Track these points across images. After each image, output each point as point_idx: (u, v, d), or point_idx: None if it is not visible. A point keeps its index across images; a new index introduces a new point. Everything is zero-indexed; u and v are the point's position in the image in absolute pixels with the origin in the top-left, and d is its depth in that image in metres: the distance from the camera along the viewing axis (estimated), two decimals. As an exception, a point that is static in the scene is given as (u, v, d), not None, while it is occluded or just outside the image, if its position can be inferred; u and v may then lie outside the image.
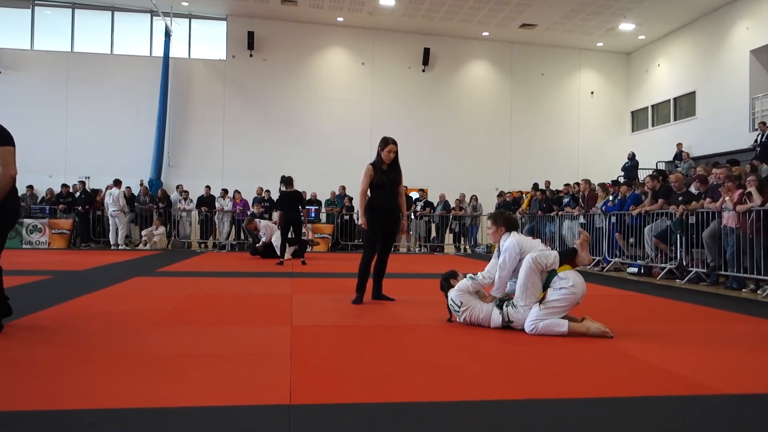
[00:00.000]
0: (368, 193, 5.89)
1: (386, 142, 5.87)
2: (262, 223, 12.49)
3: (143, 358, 3.44)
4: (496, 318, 4.43)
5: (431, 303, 5.53)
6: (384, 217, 5.84)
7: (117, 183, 15.26)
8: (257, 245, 12.36)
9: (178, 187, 16.97)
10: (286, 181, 10.61)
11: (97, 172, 17.83)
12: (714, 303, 6.36)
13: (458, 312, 4.55)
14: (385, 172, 5.84)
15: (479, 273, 4.64)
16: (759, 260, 7.32)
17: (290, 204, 10.49)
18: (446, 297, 4.75)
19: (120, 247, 14.70)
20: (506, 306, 4.42)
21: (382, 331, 4.50)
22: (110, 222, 14.99)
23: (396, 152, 5.88)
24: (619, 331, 4.37)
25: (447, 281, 4.82)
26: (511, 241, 4.49)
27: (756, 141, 14.22)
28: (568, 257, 4.40)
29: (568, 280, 4.21)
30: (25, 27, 18.82)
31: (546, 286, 4.29)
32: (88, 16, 19.22)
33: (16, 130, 17.65)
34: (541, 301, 4.25)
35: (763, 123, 14.34)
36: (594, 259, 11.21)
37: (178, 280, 7.91)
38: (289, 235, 11.10)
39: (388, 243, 6.00)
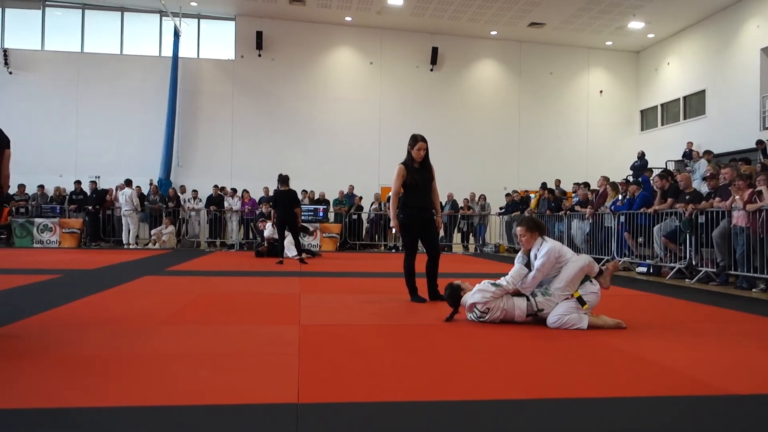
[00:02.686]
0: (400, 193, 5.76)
1: (416, 139, 5.70)
2: (268, 224, 12.71)
3: (152, 356, 3.47)
4: (521, 307, 4.52)
5: (439, 302, 5.53)
6: (420, 217, 5.75)
7: (128, 183, 15.37)
8: (259, 248, 12.46)
9: (220, 186, 17.03)
10: (282, 179, 10.58)
11: (107, 171, 17.93)
12: (724, 303, 6.32)
13: (483, 318, 4.55)
14: (417, 171, 5.71)
15: (502, 279, 4.64)
16: (769, 260, 7.27)
17: (284, 203, 10.46)
18: (454, 308, 4.74)
19: (131, 247, 14.80)
20: (535, 296, 4.54)
21: (390, 330, 4.51)
22: (123, 221, 15.09)
23: (426, 149, 5.73)
24: (628, 331, 4.37)
25: (455, 295, 4.75)
26: (551, 245, 4.61)
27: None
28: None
29: (596, 285, 4.58)
30: (36, 28, 18.97)
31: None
32: (98, 17, 19.35)
33: (26, 131, 17.90)
34: (573, 297, 4.50)
35: (761, 141, 14.24)
36: (603, 259, 11.18)
37: (187, 279, 7.95)
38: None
39: (433, 243, 5.89)
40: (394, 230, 6.08)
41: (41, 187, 16.71)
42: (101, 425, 2.33)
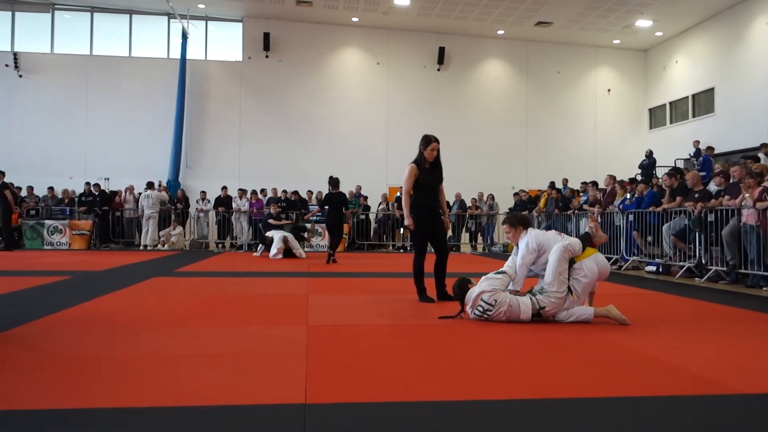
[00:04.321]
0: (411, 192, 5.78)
1: (428, 140, 5.72)
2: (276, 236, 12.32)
3: (160, 357, 3.48)
4: (527, 304, 4.55)
5: (448, 302, 5.53)
6: (429, 217, 5.78)
7: (151, 185, 15.53)
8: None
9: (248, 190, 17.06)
10: (333, 182, 10.80)
11: (116, 173, 17.99)
12: (734, 302, 6.28)
13: (490, 312, 4.56)
14: (428, 171, 5.74)
15: (504, 266, 4.83)
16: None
17: (335, 205, 10.70)
18: (462, 304, 4.80)
19: (148, 248, 14.94)
20: (535, 295, 4.60)
21: (398, 330, 4.51)
22: (144, 223, 15.24)
23: (438, 150, 5.75)
24: (637, 330, 4.34)
25: (463, 287, 4.81)
26: (529, 236, 4.77)
27: None
28: (587, 241, 4.79)
29: (582, 270, 4.60)
30: (45, 31, 19.11)
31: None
32: (107, 20, 19.47)
33: (36, 133, 18.10)
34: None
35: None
36: (612, 258, 11.13)
37: (195, 280, 7.98)
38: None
39: (441, 244, 5.92)
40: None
41: (51, 189, 16.81)
42: (109, 426, 2.34)
